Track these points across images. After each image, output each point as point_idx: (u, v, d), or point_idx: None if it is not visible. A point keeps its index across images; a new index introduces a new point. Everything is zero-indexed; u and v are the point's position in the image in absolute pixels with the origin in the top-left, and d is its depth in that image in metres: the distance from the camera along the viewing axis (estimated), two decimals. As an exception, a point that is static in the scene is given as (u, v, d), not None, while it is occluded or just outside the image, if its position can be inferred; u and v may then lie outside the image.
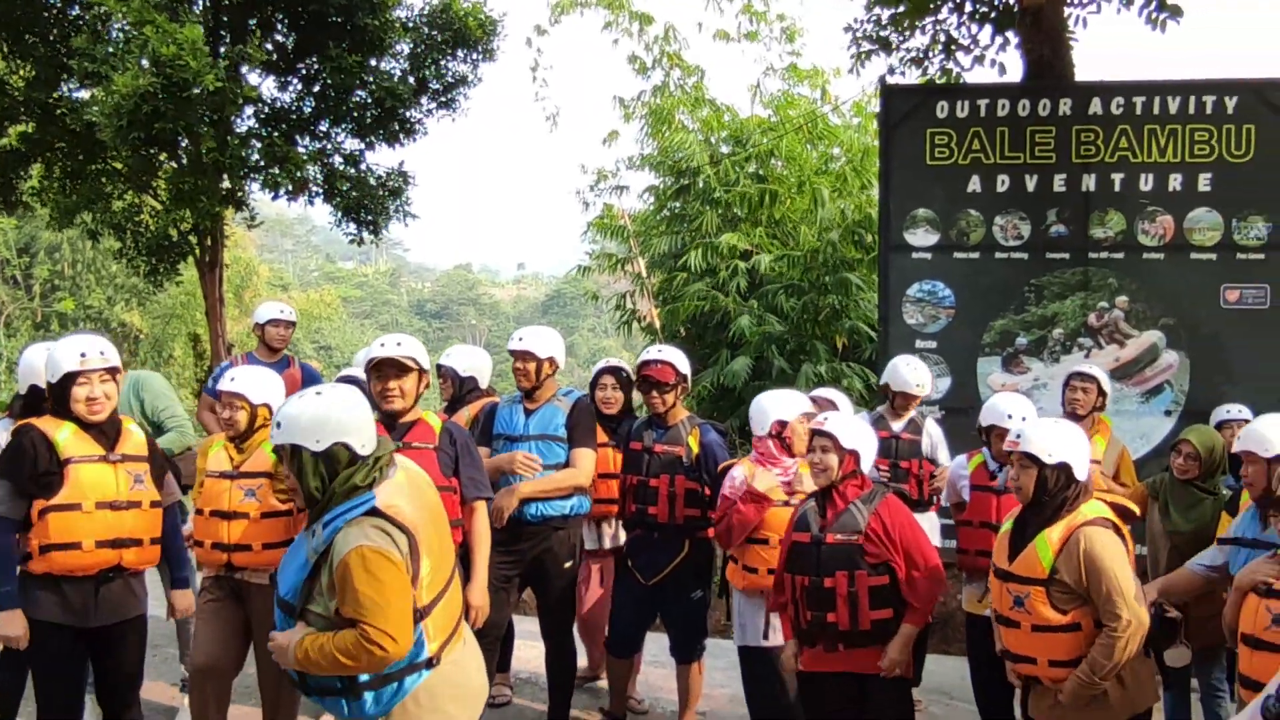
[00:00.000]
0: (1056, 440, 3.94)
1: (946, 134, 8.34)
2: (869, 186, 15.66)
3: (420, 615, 3.17)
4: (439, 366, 6.14)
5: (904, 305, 8.38)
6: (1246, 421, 5.44)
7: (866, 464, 4.53)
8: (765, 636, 5.06)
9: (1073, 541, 3.81)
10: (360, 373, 5.71)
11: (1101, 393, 6.02)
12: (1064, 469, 3.91)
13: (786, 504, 4.93)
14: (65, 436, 4.31)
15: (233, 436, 4.88)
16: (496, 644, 5.39)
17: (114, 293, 32.25)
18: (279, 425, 3.21)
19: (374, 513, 3.12)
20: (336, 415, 3.18)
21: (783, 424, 5.04)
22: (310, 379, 6.73)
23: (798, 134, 16.93)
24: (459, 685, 3.37)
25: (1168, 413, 8.08)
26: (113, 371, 4.42)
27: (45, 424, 4.33)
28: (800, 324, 15.48)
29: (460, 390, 6.09)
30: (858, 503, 4.43)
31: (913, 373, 6.20)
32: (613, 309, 18.55)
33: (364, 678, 3.13)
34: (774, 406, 5.11)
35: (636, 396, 5.96)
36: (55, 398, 4.35)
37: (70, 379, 4.31)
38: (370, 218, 13.62)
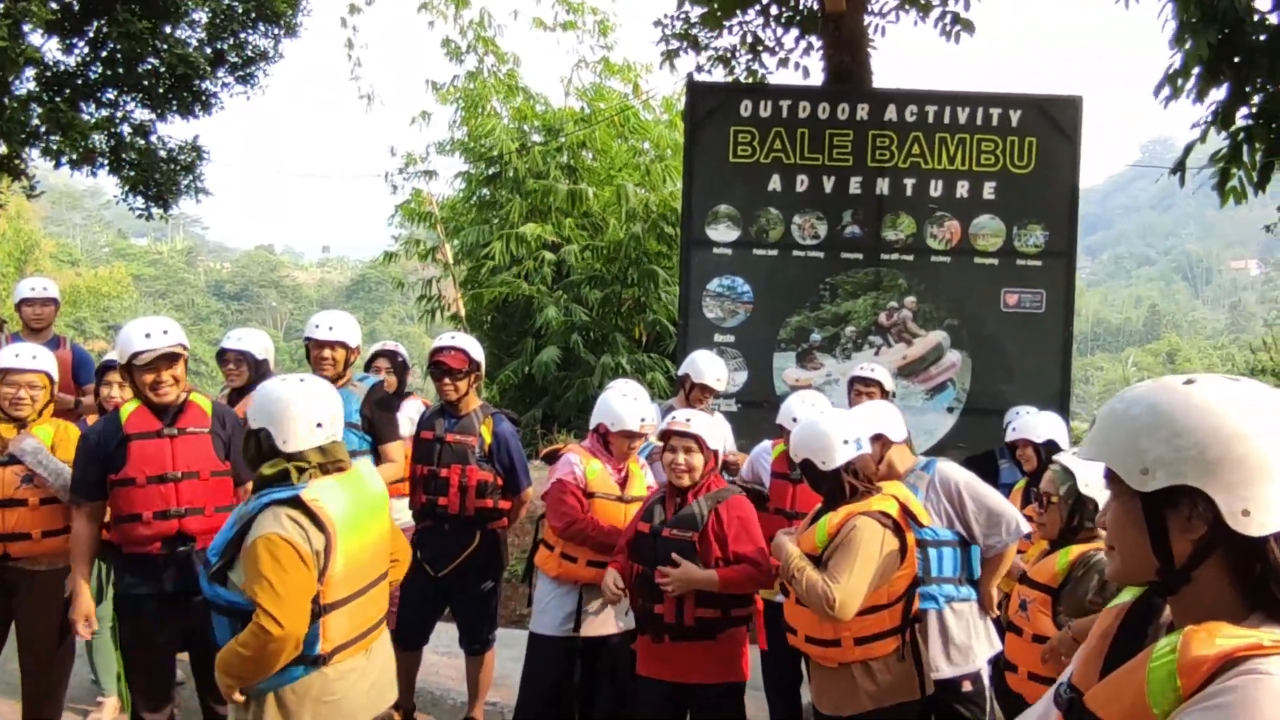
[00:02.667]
0: (802, 440, 4.09)
1: (749, 132, 8.47)
2: (674, 181, 15.85)
3: (320, 611, 3.26)
4: (225, 351, 5.95)
5: (704, 299, 8.48)
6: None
7: (720, 460, 4.59)
8: (576, 629, 5.02)
9: (845, 527, 3.90)
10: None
11: (885, 394, 6.15)
12: (806, 464, 4.05)
13: (620, 499, 4.94)
14: None
15: (18, 417, 4.73)
16: None
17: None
18: None
19: (296, 502, 3.23)
20: (270, 405, 3.38)
21: (607, 430, 5.01)
22: (81, 361, 6.37)
23: (609, 127, 17.00)
24: (335, 696, 3.37)
25: (950, 409, 8.41)
26: None
27: None
28: (604, 315, 15.56)
29: (256, 374, 5.89)
30: (701, 500, 4.45)
31: (713, 367, 6.25)
32: (418, 297, 18.27)
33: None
34: (604, 412, 5.06)
35: (412, 380, 5.86)
36: None
37: None
38: (159, 192, 12.99)
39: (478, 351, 5.51)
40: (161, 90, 12.57)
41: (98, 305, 41.28)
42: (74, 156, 12.25)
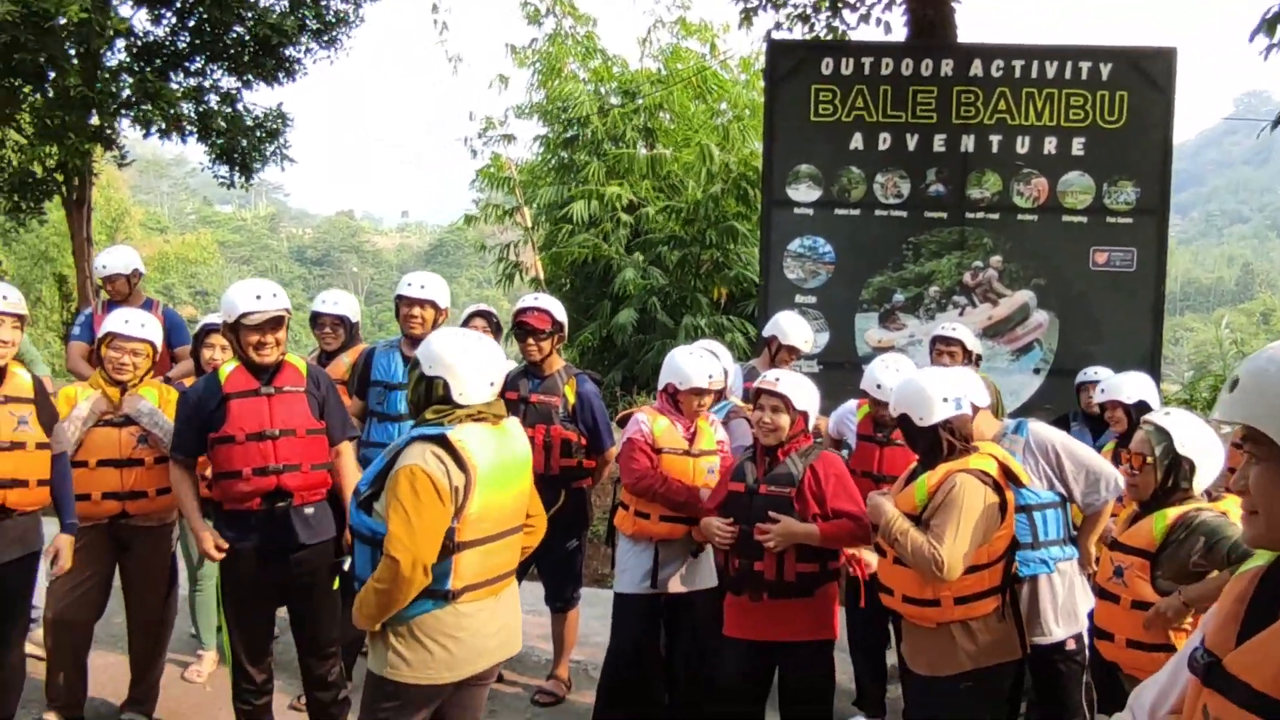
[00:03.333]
0: (900, 395, 4.07)
1: (831, 90, 8.37)
2: (752, 141, 15.72)
3: (454, 548, 3.38)
4: (320, 314, 6.01)
5: (785, 260, 8.43)
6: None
7: (812, 423, 4.57)
8: (652, 584, 5.04)
9: (946, 485, 3.87)
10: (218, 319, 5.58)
11: (968, 353, 6.02)
12: (903, 419, 4.03)
13: (687, 454, 4.94)
14: None
15: (121, 381, 4.92)
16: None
17: (-26, 231, 30.88)
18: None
19: (442, 440, 3.35)
20: (453, 357, 3.48)
21: (675, 389, 4.98)
22: (173, 326, 6.50)
23: (686, 88, 16.90)
24: (462, 634, 3.47)
25: (1036, 370, 8.29)
26: (21, 319, 4.45)
27: None
28: (682, 277, 15.54)
29: (349, 338, 6.00)
30: (794, 456, 4.45)
31: (800, 329, 6.22)
32: (496, 260, 18.38)
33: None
34: (672, 371, 5.02)
35: (507, 347, 5.91)
36: None
37: None
38: (245, 160, 13.21)
39: (561, 312, 5.55)
40: (247, 58, 12.77)
41: (185, 271, 42.05)
42: (163, 125, 12.53)
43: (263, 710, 4.70)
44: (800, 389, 4.48)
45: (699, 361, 5.00)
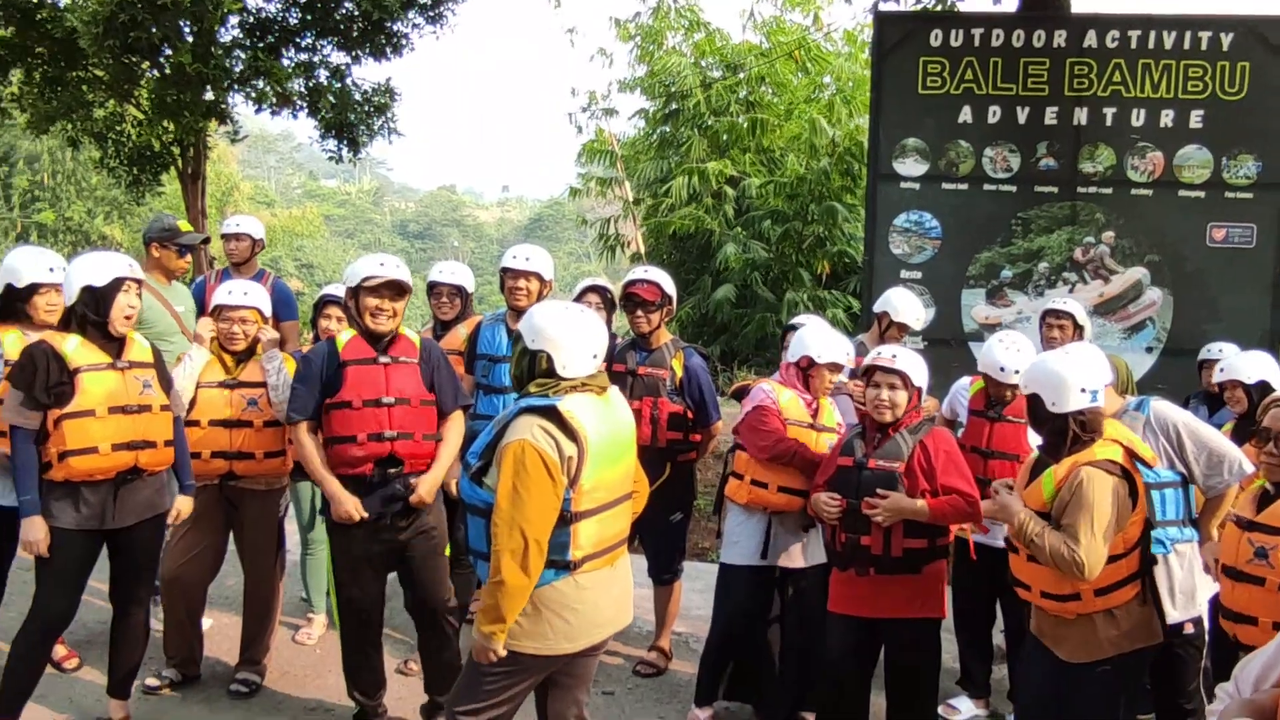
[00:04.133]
0: (1033, 374, 3.98)
1: (939, 63, 8.24)
2: (857, 115, 15.56)
3: (572, 518, 3.39)
4: (437, 284, 6.03)
5: (890, 235, 8.34)
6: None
7: (923, 400, 4.56)
8: (764, 556, 5.01)
9: (1072, 479, 3.80)
10: (342, 292, 5.69)
11: (1078, 327, 5.93)
12: (1034, 400, 3.94)
13: (811, 427, 4.91)
14: (73, 347, 4.38)
15: (233, 349, 5.13)
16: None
17: (94, 205, 31.92)
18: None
19: (552, 412, 3.35)
20: (557, 330, 3.48)
21: (811, 363, 4.93)
22: (282, 299, 6.63)
23: (789, 61, 16.78)
24: (584, 604, 3.50)
25: (1149, 349, 8.10)
26: (140, 284, 4.58)
27: (52, 337, 4.42)
28: (784, 251, 15.46)
29: (464, 308, 6.07)
30: (904, 432, 4.43)
31: (911, 306, 6.15)
32: (597, 234, 18.47)
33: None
34: (813, 343, 4.94)
35: (617, 320, 5.93)
36: (91, 305, 4.42)
37: (115, 286, 4.43)
38: (353, 134, 13.44)
39: (670, 285, 5.56)
40: (356, 34, 12.96)
41: (290, 244, 43.03)
42: (274, 101, 12.79)
43: (372, 672, 4.84)
44: (917, 365, 4.46)
45: (838, 337, 5.00)
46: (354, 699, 4.88)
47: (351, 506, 4.50)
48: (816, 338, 4.96)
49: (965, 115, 8.22)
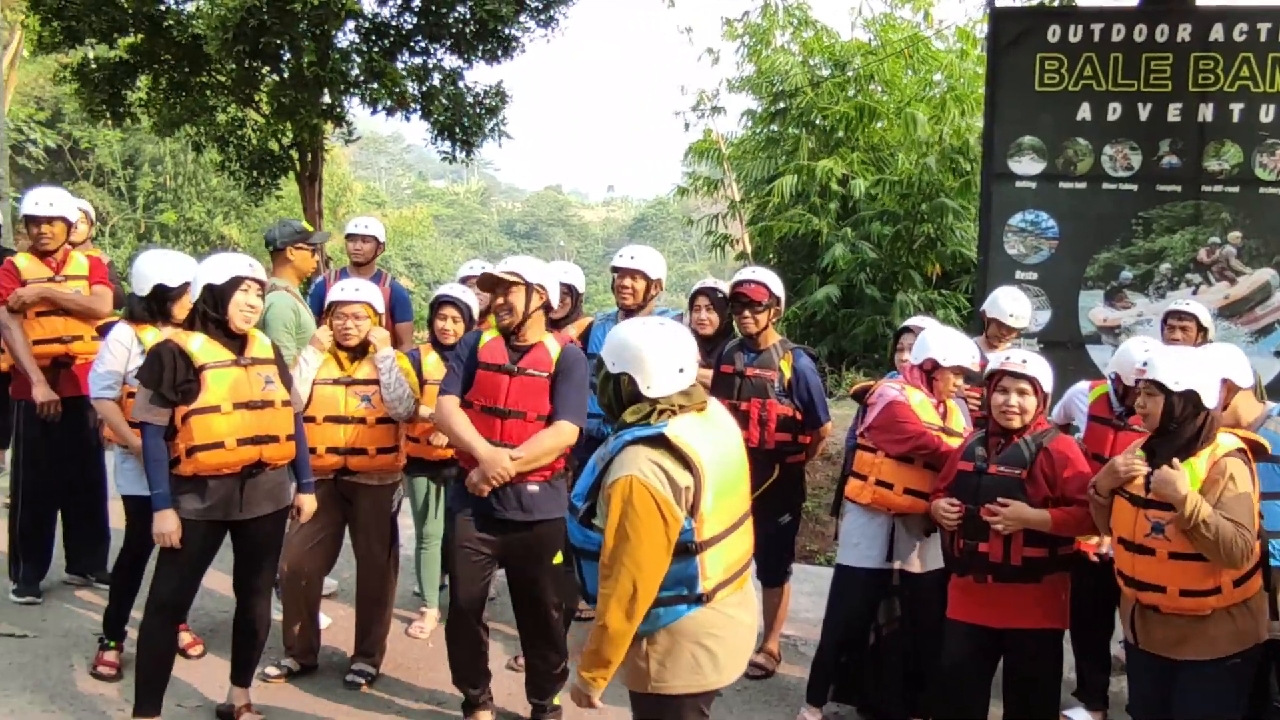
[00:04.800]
0: (1184, 368, 3.85)
1: (1057, 59, 8.06)
2: (968, 114, 15.31)
3: (697, 548, 3.20)
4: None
5: (1005, 235, 8.17)
6: None
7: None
8: (889, 559, 4.97)
9: (1216, 472, 3.75)
10: (455, 291, 5.78)
11: (1201, 329, 5.75)
12: (1190, 396, 3.81)
13: (942, 430, 4.85)
14: (198, 345, 4.54)
15: (347, 345, 5.26)
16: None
17: (213, 206, 32.89)
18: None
19: (660, 441, 3.15)
20: (632, 350, 3.28)
21: (935, 365, 4.86)
22: (399, 300, 6.76)
23: (898, 58, 16.58)
24: (720, 634, 3.31)
25: (1277, 353, 7.82)
26: (263, 285, 4.71)
27: (178, 336, 4.58)
28: (894, 252, 15.29)
29: (575, 306, 6.14)
30: (1028, 439, 4.35)
31: (1011, 303, 6.02)
32: (703, 233, 18.47)
33: None
34: (937, 346, 4.88)
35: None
36: (211, 304, 4.57)
37: (234, 285, 4.56)
38: (465, 136, 13.64)
39: (778, 285, 5.52)
40: (468, 37, 13.15)
41: (400, 244, 43.78)
42: (389, 103, 13.03)
43: (474, 661, 4.91)
44: (1046, 371, 4.39)
45: (964, 340, 4.95)
46: (459, 688, 4.98)
47: (500, 469, 4.51)
48: (941, 340, 4.90)
49: (1084, 112, 8.02)
